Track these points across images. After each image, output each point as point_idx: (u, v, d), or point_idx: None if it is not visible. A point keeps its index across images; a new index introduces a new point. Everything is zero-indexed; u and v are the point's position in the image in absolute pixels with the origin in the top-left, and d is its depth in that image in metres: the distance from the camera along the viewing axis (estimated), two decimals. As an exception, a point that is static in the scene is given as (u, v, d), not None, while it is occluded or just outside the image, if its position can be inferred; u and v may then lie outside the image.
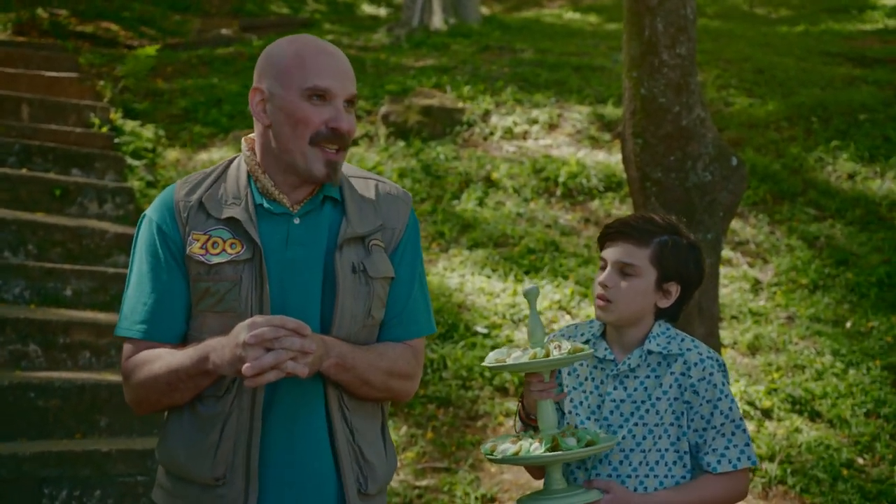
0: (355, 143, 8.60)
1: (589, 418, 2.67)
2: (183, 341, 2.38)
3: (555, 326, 6.35)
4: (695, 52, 4.61)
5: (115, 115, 8.22)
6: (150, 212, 2.43)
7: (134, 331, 2.38)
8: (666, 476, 2.62)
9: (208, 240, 2.35)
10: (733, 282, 6.99)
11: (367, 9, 16.21)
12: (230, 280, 2.32)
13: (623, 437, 2.62)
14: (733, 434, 2.63)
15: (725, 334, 6.37)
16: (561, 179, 7.94)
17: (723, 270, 6.81)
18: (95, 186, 6.80)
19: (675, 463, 2.63)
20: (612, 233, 2.69)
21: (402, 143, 8.43)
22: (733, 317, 6.65)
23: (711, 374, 2.63)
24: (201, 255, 2.34)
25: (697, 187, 4.43)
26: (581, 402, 2.70)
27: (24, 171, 6.80)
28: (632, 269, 2.64)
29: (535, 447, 2.52)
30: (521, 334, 6.34)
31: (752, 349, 6.34)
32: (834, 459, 5.51)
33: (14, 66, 8.72)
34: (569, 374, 2.73)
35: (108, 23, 12.56)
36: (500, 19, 13.19)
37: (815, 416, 5.88)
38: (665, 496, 2.60)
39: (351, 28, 13.72)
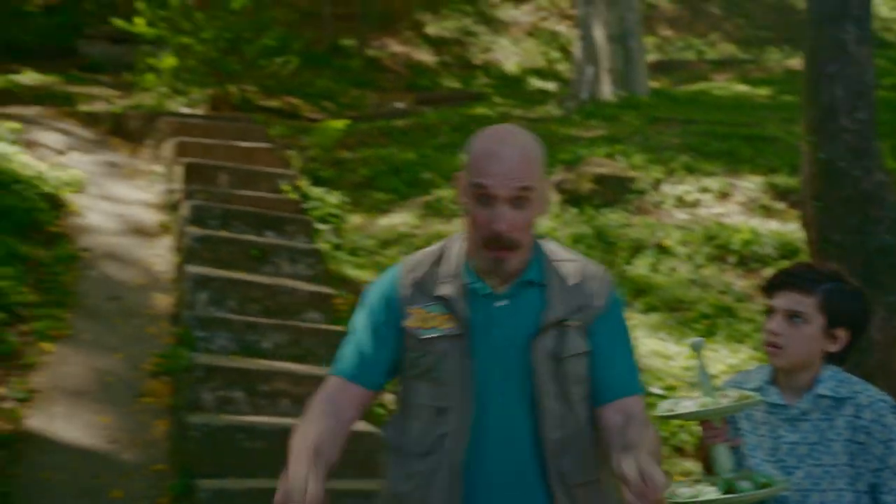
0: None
1: (766, 461, 2.79)
2: (379, 391, 2.61)
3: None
4: (874, 117, 4.71)
5: (303, 183, 8.74)
6: (377, 283, 2.63)
7: (343, 371, 2.59)
8: None
9: (423, 315, 2.51)
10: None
11: (536, 82, 16.61)
12: (438, 354, 2.47)
13: (800, 479, 2.73)
14: None
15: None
16: (734, 247, 8.01)
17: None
18: (288, 248, 7.26)
19: (852, 495, 2.73)
20: (778, 282, 2.83)
21: (574, 210, 8.66)
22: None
23: (883, 415, 2.71)
24: (415, 329, 2.50)
25: (879, 250, 4.50)
26: (758, 446, 2.82)
27: (224, 232, 7.33)
28: (800, 316, 2.77)
29: (710, 490, 2.65)
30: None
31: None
32: None
33: (212, 137, 9.37)
34: (745, 419, 2.86)
35: (291, 98, 13.31)
36: (668, 92, 13.36)
37: None
38: None
39: (521, 101, 14.12)
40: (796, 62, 16.50)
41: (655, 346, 6.89)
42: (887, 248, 4.50)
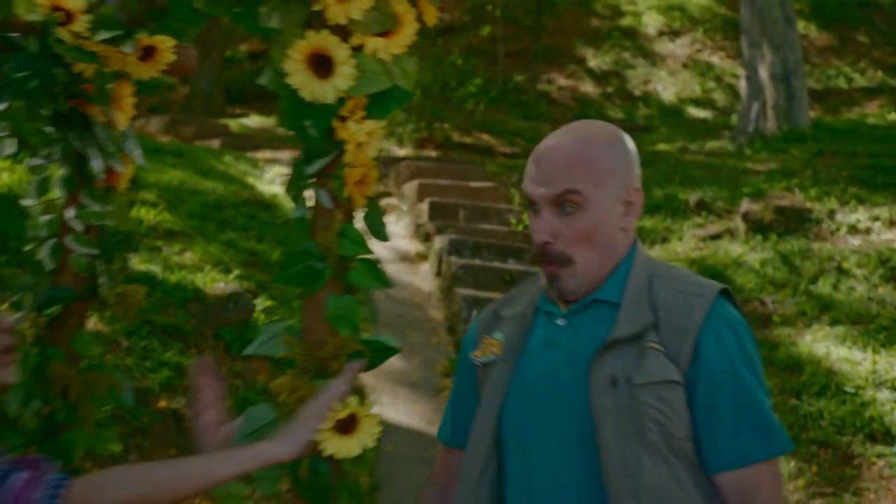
0: (717, 237, 10.36)
1: None
2: None
3: (910, 389, 7.77)
4: None
5: (526, 216, 10.37)
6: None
7: (443, 437, 2.27)
8: None
9: (488, 342, 2.14)
10: None
11: (693, 111, 17.99)
12: (492, 379, 2.09)
13: None
14: None
15: None
16: (905, 268, 9.34)
17: None
18: (533, 272, 8.87)
19: None
20: None
21: (760, 237, 10.08)
22: None
23: None
24: (478, 358, 2.15)
25: None
26: None
27: (477, 261, 9.00)
28: None
29: None
30: (881, 394, 7.80)
31: None
32: None
33: (443, 178, 11.10)
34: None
35: (483, 134, 14.99)
36: (828, 124, 14.62)
37: None
38: None
39: (686, 132, 15.53)
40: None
41: (844, 354, 8.28)
42: None
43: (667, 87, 18.84)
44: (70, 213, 2.57)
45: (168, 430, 6.36)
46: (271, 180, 11.03)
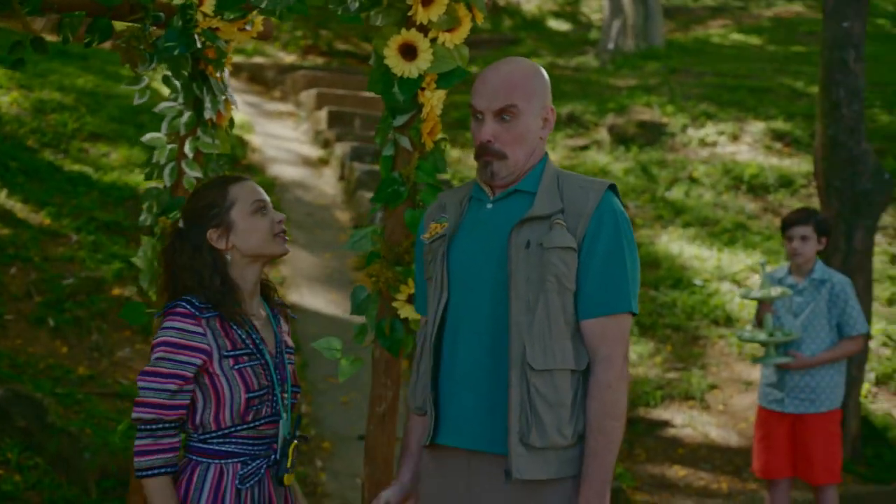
0: (586, 147, 11.59)
1: (787, 313, 5.50)
2: None
3: (748, 283, 9.21)
4: (863, 107, 7.40)
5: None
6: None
7: (419, 309, 2.87)
8: (825, 343, 5.44)
9: (433, 226, 2.72)
10: (877, 255, 9.72)
11: (554, 24, 19.11)
12: (434, 253, 2.68)
13: (804, 328, 5.45)
14: (857, 315, 5.42)
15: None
16: (745, 178, 10.75)
17: (869, 247, 9.55)
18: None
19: (828, 335, 5.43)
20: (791, 220, 5.53)
21: (622, 148, 11.35)
22: (876, 280, 9.38)
23: (844, 289, 5.44)
24: (424, 239, 2.74)
25: (861, 192, 7.22)
26: (785, 310, 5.55)
27: (377, 167, 9.93)
28: (806, 236, 5.48)
29: (761, 333, 5.40)
30: (724, 287, 9.21)
31: (890, 301, 9.09)
32: (945, 374, 8.25)
33: (339, 87, 11.91)
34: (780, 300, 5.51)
35: (364, 42, 15.72)
36: (679, 42, 15.97)
37: (933, 347, 8.61)
38: (822, 354, 5.41)
39: (549, 45, 16.65)
40: (781, 9, 19.17)
41: (694, 252, 9.66)
42: (867, 191, 7.23)
43: (529, 0, 19.88)
44: (186, 144, 3.46)
45: (123, 315, 7.19)
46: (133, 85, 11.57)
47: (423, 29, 3.02)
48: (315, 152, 10.81)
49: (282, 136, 11.01)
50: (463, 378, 2.57)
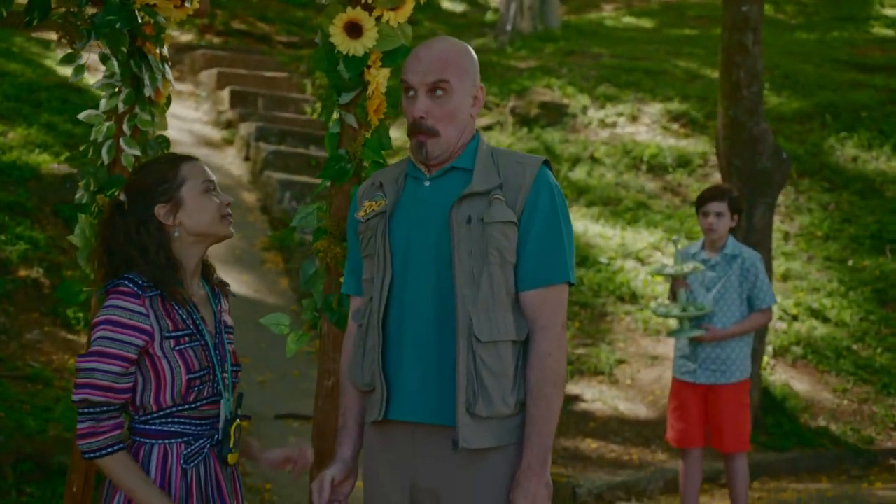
0: (489, 128, 11.70)
1: (700, 287, 5.70)
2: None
3: (651, 260, 9.45)
4: (762, 89, 7.65)
5: (319, 105, 11.28)
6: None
7: (348, 289, 2.87)
8: (736, 317, 5.66)
9: (368, 204, 2.74)
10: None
11: (448, 5, 19.16)
12: (371, 230, 2.69)
13: (716, 302, 5.66)
14: (766, 289, 5.65)
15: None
16: (645, 158, 11.00)
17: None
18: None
19: (739, 308, 5.63)
20: (707, 196, 5.71)
21: (525, 129, 11.50)
22: (772, 257, 9.71)
23: (754, 263, 5.65)
24: (359, 217, 2.75)
25: (762, 171, 7.48)
26: (697, 280, 5.76)
27: (284, 147, 9.90)
28: (721, 212, 5.66)
29: (675, 307, 5.58)
30: (628, 264, 9.44)
31: (785, 277, 9.43)
32: (838, 346, 8.61)
33: (239, 67, 11.78)
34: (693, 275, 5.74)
35: (259, 22, 15.54)
36: (575, 24, 16.20)
37: (826, 320, 8.96)
38: (733, 327, 5.63)
39: (447, 27, 16.71)
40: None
41: (598, 231, 9.86)
42: (767, 170, 7.48)
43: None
44: (124, 122, 3.43)
45: (29, 297, 7.03)
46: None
47: (368, 7, 3.04)
48: (218, 133, 10.69)
49: (182, 117, 10.85)
50: (411, 353, 2.61)
